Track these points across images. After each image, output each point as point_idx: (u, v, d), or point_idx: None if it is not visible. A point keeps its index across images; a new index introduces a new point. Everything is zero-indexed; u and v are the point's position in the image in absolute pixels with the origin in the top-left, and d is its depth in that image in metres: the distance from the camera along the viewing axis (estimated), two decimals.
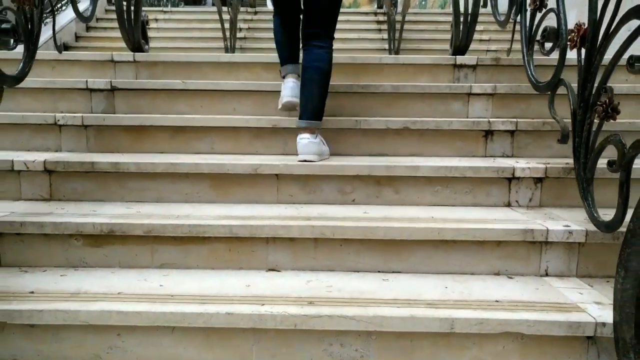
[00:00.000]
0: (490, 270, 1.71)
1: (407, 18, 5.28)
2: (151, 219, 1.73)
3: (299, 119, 2.15)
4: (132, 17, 2.93)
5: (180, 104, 2.59)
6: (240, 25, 6.08)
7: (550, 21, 1.93)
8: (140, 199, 2.00)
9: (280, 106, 2.32)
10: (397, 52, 5.36)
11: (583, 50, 1.56)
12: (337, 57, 2.85)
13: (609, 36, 1.41)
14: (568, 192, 1.95)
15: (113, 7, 4.96)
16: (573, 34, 1.57)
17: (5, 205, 1.91)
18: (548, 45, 1.86)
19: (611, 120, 1.45)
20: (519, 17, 2.13)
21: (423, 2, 10.80)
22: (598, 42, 1.47)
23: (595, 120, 1.50)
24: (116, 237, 1.70)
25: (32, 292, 1.49)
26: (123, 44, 3.10)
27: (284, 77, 2.35)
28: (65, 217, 1.74)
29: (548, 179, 1.96)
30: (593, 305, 1.46)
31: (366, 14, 6.95)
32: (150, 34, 3.82)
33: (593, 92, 1.48)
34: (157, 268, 1.71)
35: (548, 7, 1.88)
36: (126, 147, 2.32)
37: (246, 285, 1.56)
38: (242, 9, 6.49)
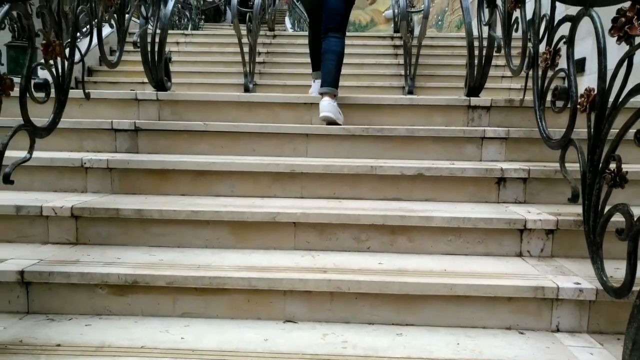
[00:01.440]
0: (501, 324, 1.75)
1: (423, 43, 5.34)
2: (173, 269, 1.80)
3: (321, 86, 2.87)
4: (156, 57, 3.03)
5: (202, 144, 2.68)
6: (259, 49, 6.19)
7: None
8: (162, 244, 2.08)
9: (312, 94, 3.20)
10: (413, 78, 5.41)
11: (593, 114, 1.60)
12: (354, 97, 2.95)
13: (617, 107, 1.45)
14: (580, 243, 1.94)
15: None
16: (583, 99, 1.62)
17: (33, 249, 2.00)
18: (560, 103, 1.90)
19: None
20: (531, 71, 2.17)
21: (440, 23, 10.86)
22: (607, 111, 1.51)
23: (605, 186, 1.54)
24: (140, 287, 1.77)
25: (59, 345, 1.56)
26: (136, 78, 3.19)
27: (314, 79, 3.33)
28: (91, 266, 1.82)
29: (560, 231, 1.99)
30: None
31: (383, 38, 7.02)
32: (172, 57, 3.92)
33: (602, 159, 1.52)
34: (179, 317, 1.78)
35: (559, 67, 1.93)
36: (149, 189, 2.40)
37: (264, 339, 1.62)
38: (260, 32, 6.59)
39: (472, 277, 1.78)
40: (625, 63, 1.44)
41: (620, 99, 1.43)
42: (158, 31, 3.05)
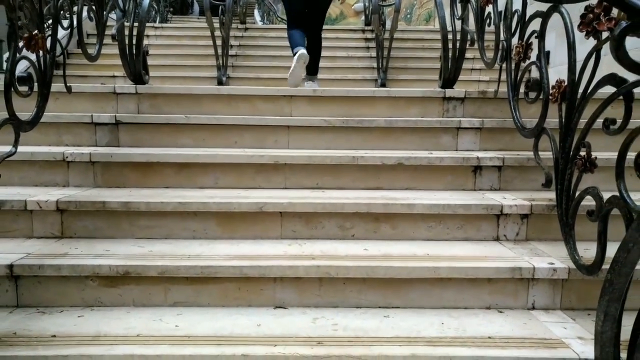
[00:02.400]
0: (482, 304, 1.84)
1: (395, 36, 5.43)
2: (164, 259, 1.83)
3: (306, 74, 4.14)
4: (134, 50, 3.02)
5: (184, 137, 2.69)
6: (231, 42, 6.17)
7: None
8: (150, 236, 2.10)
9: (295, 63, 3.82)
10: (385, 71, 5.50)
11: (564, 105, 1.70)
12: (333, 89, 3.01)
13: (586, 97, 1.56)
14: (552, 226, 2.07)
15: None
16: (554, 90, 1.72)
17: (18, 244, 2.00)
18: (532, 94, 2.00)
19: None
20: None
21: (408, 16, 11.00)
22: (577, 102, 1.61)
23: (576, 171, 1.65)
24: (131, 278, 1.80)
25: (54, 336, 1.58)
26: (111, 62, 3.13)
27: (295, 53, 3.86)
28: (81, 258, 1.83)
29: (533, 215, 2.10)
30: (576, 340, 1.59)
31: (354, 31, 7.09)
32: None
33: (573, 146, 1.63)
34: (170, 306, 1.81)
35: (531, 60, 2.03)
36: (133, 182, 2.41)
37: (257, 324, 1.67)
38: (232, 25, 6.57)
39: (453, 260, 1.87)
40: (594, 56, 1.54)
41: (589, 90, 1.53)
42: (136, 24, 3.03)
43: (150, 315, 1.73)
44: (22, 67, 4.56)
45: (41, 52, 2.00)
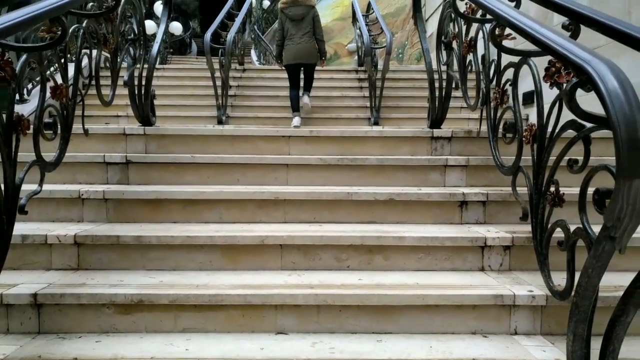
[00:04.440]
0: (468, 329, 2.00)
1: (387, 76, 5.71)
2: (174, 289, 1.99)
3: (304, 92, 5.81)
4: (143, 94, 3.24)
5: (189, 175, 2.88)
6: (230, 82, 6.43)
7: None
8: (160, 268, 2.26)
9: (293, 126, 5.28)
10: (378, 110, 5.75)
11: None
12: (329, 130, 3.22)
13: (552, 140, 1.76)
14: (532, 257, 2.23)
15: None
16: (527, 133, 1.93)
17: (39, 275, 2.15)
18: (510, 135, 2.21)
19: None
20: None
21: (400, 56, 11.40)
22: (545, 143, 1.82)
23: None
24: (144, 306, 1.95)
25: (76, 359, 1.72)
26: (115, 102, 3.30)
27: (294, 115, 5.61)
28: (98, 288, 1.99)
29: (515, 247, 2.27)
30: None
31: (348, 71, 7.41)
32: None
33: (544, 183, 1.82)
34: (180, 332, 1.96)
35: (507, 105, 2.25)
36: (142, 217, 2.58)
37: (260, 348, 1.82)
38: (231, 66, 6.85)
39: (441, 288, 2.04)
40: (557, 104, 1.75)
41: (555, 134, 1.74)
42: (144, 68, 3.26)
43: (162, 340, 1.88)
44: (31, 107, 4.77)
45: (64, 100, 2.20)
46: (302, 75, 5.94)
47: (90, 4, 2.33)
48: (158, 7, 10.32)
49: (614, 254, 1.39)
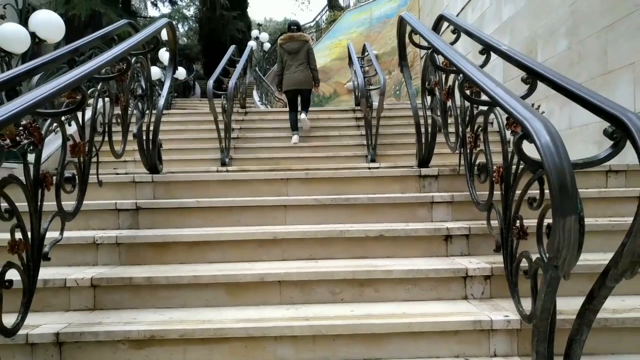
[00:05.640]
0: (451, 354, 2.18)
1: (382, 114, 5.98)
2: (183, 324, 2.19)
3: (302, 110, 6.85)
4: (151, 144, 3.51)
5: (194, 218, 3.11)
6: (233, 125, 6.72)
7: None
8: (168, 305, 2.46)
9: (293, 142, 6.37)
10: (374, 148, 6.00)
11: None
12: (323, 171, 3.46)
13: (516, 180, 1.99)
14: None
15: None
16: (495, 173, 2.16)
17: (58, 316, 2.36)
18: (483, 175, 2.45)
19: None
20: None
21: (397, 92, 11.76)
22: (511, 182, 2.05)
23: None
24: (156, 341, 2.15)
25: None
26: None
27: (293, 134, 6.50)
28: (113, 325, 2.19)
29: (494, 276, 2.47)
30: None
31: (345, 111, 7.72)
32: None
33: (511, 218, 2.04)
34: None
35: (479, 148, 2.49)
36: (152, 259, 2.80)
37: None
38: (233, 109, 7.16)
39: (426, 316, 2.23)
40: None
41: (517, 174, 1.97)
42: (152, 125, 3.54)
43: None
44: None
45: (81, 156, 2.46)
46: (299, 100, 7.12)
47: (104, 69, 2.61)
48: (163, 55, 10.73)
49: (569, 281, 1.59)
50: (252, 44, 16.70)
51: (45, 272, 2.55)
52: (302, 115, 6.78)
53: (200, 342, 2.16)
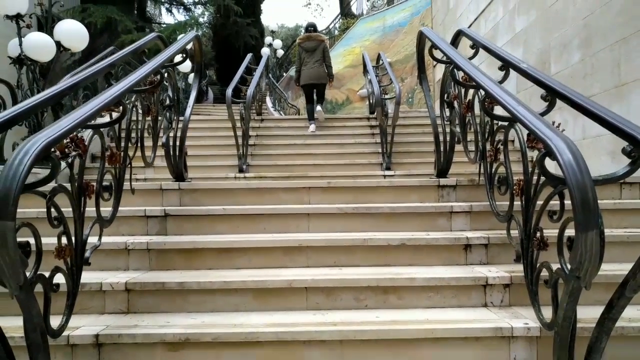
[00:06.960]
0: (474, 359, 2.27)
1: (397, 123, 6.08)
2: (216, 328, 2.29)
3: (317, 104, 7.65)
4: (177, 153, 3.63)
5: (221, 225, 3.22)
6: (250, 132, 6.84)
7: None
8: (199, 310, 2.57)
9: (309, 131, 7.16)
10: (389, 156, 6.08)
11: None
12: (343, 181, 3.56)
13: (536, 193, 2.08)
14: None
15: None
16: (516, 186, 2.25)
17: (95, 318, 2.47)
18: (503, 187, 2.53)
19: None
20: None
21: (410, 100, 11.85)
22: (531, 195, 2.13)
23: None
24: (190, 344, 2.25)
25: None
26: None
27: (310, 123, 7.38)
28: (149, 328, 2.30)
29: (514, 285, 2.55)
30: None
31: (360, 119, 7.83)
32: None
33: (532, 229, 2.13)
34: None
35: (500, 161, 2.58)
36: (180, 264, 2.91)
37: None
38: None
39: (448, 323, 2.32)
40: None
41: (538, 188, 2.06)
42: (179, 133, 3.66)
43: None
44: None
45: (118, 165, 2.58)
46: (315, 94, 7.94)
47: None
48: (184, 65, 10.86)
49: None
50: (266, 51, 16.90)
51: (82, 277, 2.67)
52: (318, 107, 7.57)
53: (233, 345, 2.26)
